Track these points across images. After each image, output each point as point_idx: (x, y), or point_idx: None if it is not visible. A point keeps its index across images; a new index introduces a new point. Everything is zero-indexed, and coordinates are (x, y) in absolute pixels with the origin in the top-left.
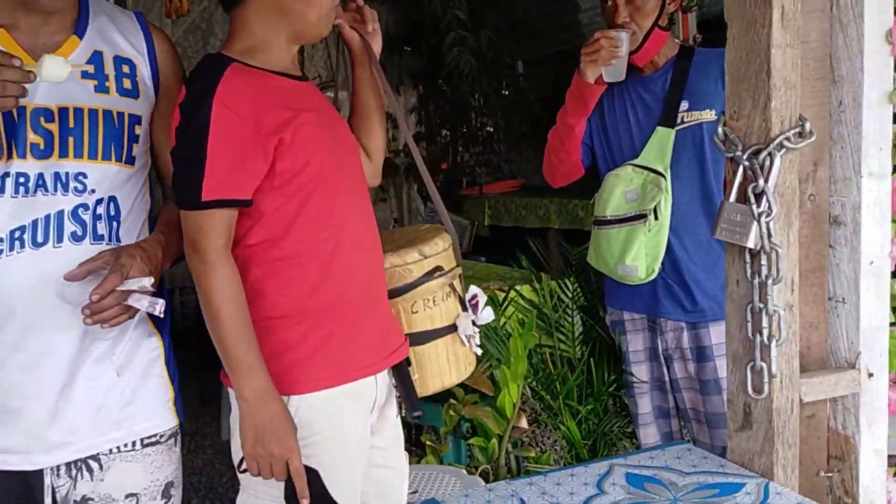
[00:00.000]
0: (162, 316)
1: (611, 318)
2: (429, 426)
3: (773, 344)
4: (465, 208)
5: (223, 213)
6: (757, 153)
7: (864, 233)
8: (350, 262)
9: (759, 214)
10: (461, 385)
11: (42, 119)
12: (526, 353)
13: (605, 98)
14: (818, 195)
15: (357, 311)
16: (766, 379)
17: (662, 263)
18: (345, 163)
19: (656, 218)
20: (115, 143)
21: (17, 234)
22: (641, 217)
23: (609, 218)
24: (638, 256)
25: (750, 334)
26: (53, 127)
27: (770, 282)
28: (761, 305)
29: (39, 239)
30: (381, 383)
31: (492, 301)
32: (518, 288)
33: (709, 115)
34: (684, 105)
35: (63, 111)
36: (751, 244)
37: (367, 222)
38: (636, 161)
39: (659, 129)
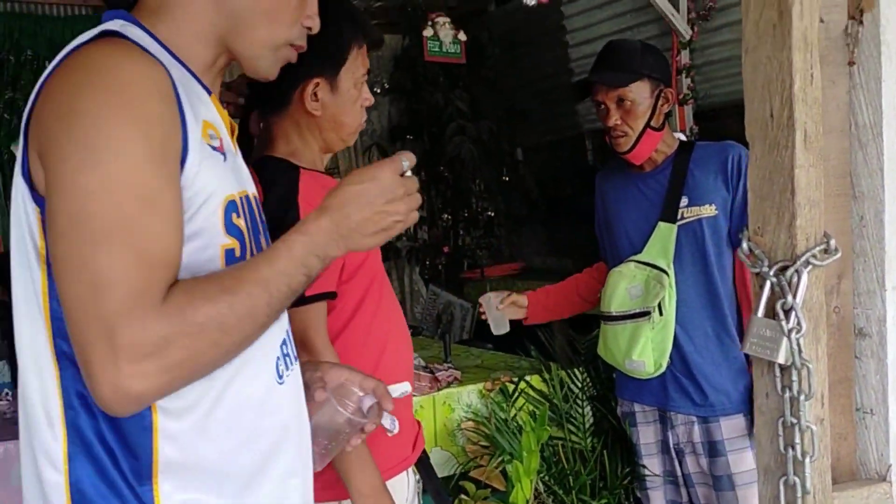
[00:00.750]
0: (396, 431)
1: (622, 409)
2: None
3: (808, 460)
4: (466, 291)
5: (323, 306)
6: (784, 269)
7: (891, 344)
8: (396, 354)
9: (790, 331)
10: (472, 480)
11: (233, 214)
12: (539, 447)
13: (608, 196)
14: (843, 308)
15: (398, 405)
16: (799, 494)
17: (671, 357)
18: (379, 255)
19: (661, 314)
20: None
21: (284, 350)
22: (646, 314)
23: (614, 314)
24: (644, 352)
25: (782, 448)
26: (241, 222)
27: (802, 397)
28: (794, 420)
29: (294, 352)
30: (411, 479)
31: (502, 393)
32: (528, 378)
33: (709, 210)
34: (684, 201)
35: (245, 200)
36: (781, 360)
37: (401, 311)
38: (638, 257)
39: (660, 224)
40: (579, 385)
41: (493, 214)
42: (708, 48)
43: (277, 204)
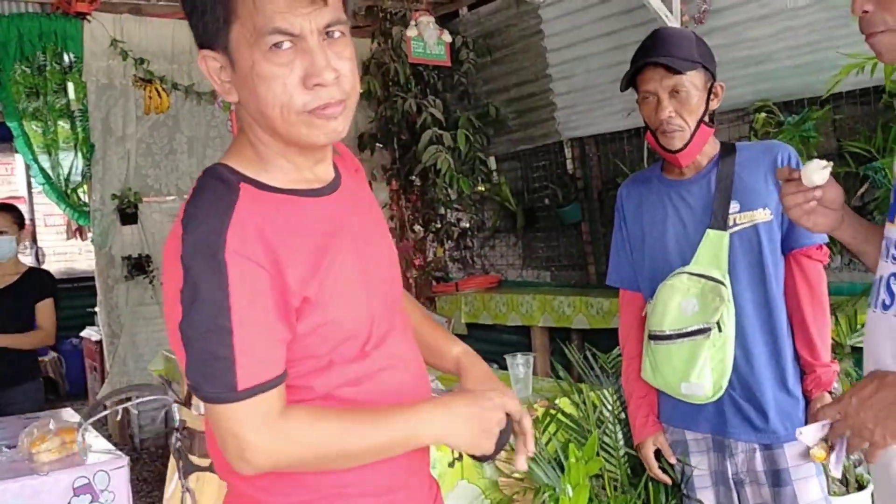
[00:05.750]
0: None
1: (671, 438)
2: None
3: None
4: (439, 305)
5: (278, 393)
6: None
7: None
8: None
9: None
10: None
11: None
12: (588, 481)
13: (644, 208)
14: None
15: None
16: None
17: (729, 379)
18: (387, 294)
19: (720, 330)
20: None
21: None
22: (705, 331)
23: (668, 332)
24: (703, 373)
25: None
26: None
27: None
28: None
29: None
30: None
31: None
32: (556, 402)
33: (763, 214)
34: (735, 206)
35: None
36: None
37: (416, 368)
38: (689, 268)
39: (710, 232)
40: (609, 408)
41: (467, 226)
42: None
43: (195, 251)
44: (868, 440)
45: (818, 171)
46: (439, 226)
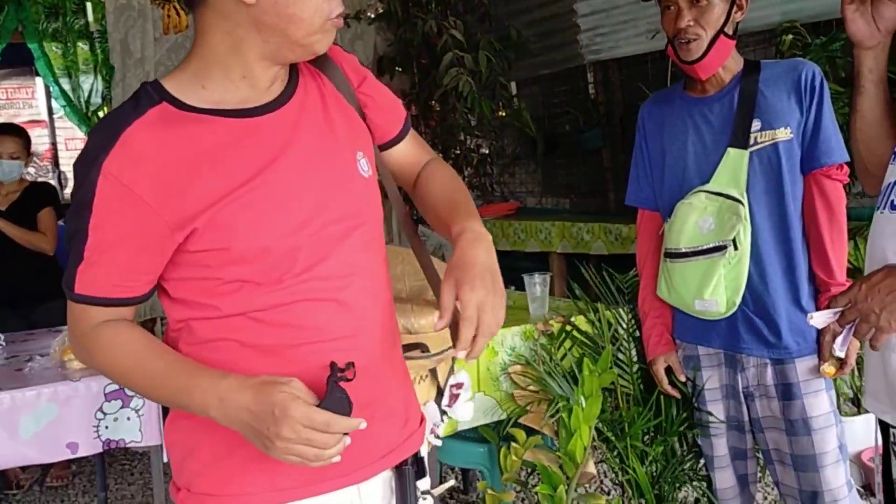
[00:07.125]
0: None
1: (683, 353)
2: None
3: None
4: None
5: (100, 311)
6: None
7: None
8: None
9: None
10: (521, 426)
11: None
12: (601, 393)
13: (665, 127)
14: None
15: None
16: None
17: (743, 296)
18: (332, 220)
19: (736, 248)
20: None
21: None
22: (721, 248)
23: (684, 250)
24: (717, 290)
25: None
26: None
27: None
28: None
29: None
30: (371, 497)
31: (547, 335)
32: (572, 319)
33: (784, 133)
34: (756, 124)
35: None
36: None
37: (362, 306)
38: (707, 187)
39: (730, 150)
40: (625, 326)
41: (486, 152)
42: None
43: (80, 159)
44: (874, 325)
45: None
46: (458, 152)
